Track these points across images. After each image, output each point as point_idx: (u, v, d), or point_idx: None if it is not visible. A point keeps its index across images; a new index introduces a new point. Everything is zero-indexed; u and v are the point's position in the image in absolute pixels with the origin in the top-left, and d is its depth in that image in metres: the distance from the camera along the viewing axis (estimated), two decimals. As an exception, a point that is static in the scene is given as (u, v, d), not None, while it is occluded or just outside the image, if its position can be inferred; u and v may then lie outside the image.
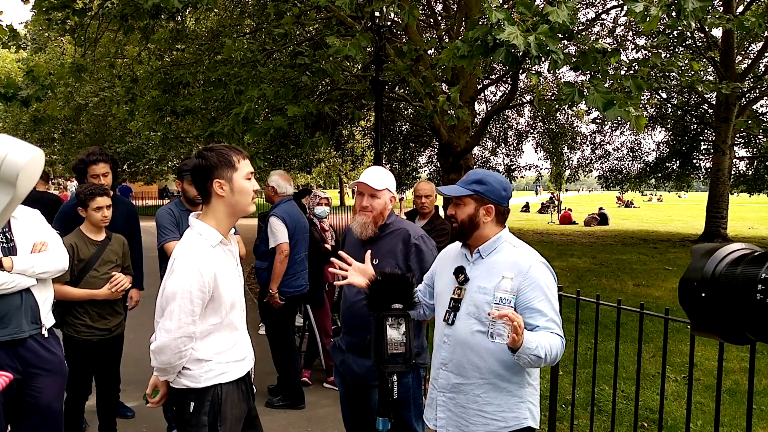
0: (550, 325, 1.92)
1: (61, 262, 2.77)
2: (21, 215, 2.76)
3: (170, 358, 1.96)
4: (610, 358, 5.00)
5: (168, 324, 1.94)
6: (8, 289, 2.54)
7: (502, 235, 2.06)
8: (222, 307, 2.03)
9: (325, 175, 35.07)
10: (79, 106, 19.92)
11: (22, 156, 1.04)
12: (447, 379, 2.06)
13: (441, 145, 10.48)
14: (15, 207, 1.09)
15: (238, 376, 2.13)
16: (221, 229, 2.05)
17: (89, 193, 3.25)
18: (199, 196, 2.08)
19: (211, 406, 2.03)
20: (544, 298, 1.94)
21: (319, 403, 4.38)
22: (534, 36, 3.67)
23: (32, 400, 2.71)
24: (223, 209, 2.03)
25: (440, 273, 2.22)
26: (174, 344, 1.94)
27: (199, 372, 2.02)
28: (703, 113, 17.75)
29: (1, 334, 2.56)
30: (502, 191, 2.05)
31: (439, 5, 13.30)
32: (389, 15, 6.10)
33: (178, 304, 1.93)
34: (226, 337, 2.08)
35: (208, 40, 9.47)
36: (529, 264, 1.97)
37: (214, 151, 2.02)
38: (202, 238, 2.01)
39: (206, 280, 1.95)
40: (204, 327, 2.01)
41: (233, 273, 2.11)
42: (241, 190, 2.02)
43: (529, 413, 2.01)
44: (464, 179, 2.10)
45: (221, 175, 1.99)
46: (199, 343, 2.02)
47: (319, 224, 4.76)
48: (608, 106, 4.02)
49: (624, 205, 39.40)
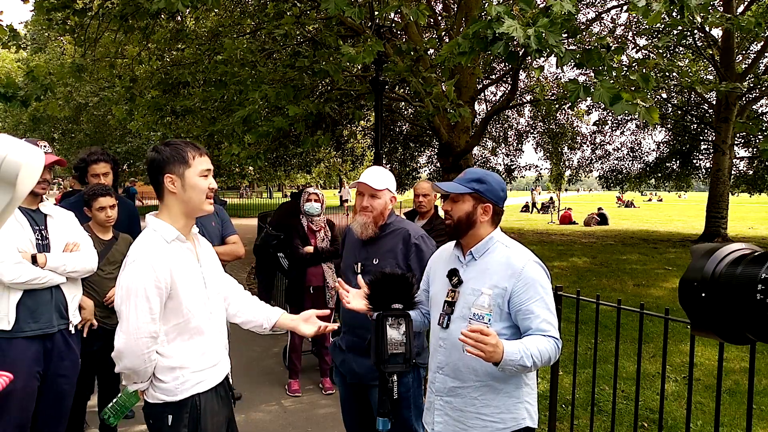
0: (544, 326, 1.89)
1: (91, 262, 2.87)
2: (57, 215, 2.86)
3: (134, 362, 1.86)
4: (610, 358, 5.00)
5: (125, 325, 1.83)
6: (40, 284, 2.64)
7: (494, 235, 2.05)
8: (182, 306, 1.91)
9: (325, 175, 35.07)
10: (79, 106, 19.96)
11: (22, 156, 1.04)
12: (444, 383, 2.05)
13: (441, 145, 10.48)
14: (15, 207, 1.09)
15: (215, 383, 2.04)
16: (177, 226, 1.95)
17: (93, 194, 3.28)
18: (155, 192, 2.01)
19: (189, 418, 1.95)
20: (539, 298, 1.91)
21: (319, 403, 4.38)
22: (534, 29, 3.66)
23: (50, 393, 2.77)
24: (176, 206, 1.95)
25: (434, 276, 2.21)
26: (135, 346, 1.83)
27: (174, 384, 1.93)
28: (703, 113, 17.75)
29: (33, 327, 2.65)
30: (500, 192, 2.04)
31: (439, 5, 13.30)
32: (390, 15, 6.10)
33: (134, 303, 1.82)
34: (195, 342, 1.97)
35: (208, 40, 9.46)
36: (523, 264, 1.95)
37: (169, 145, 1.95)
38: (157, 234, 1.92)
39: (161, 275, 1.85)
40: (167, 328, 1.91)
41: (195, 271, 1.99)
42: (193, 187, 1.93)
43: (526, 413, 2.00)
44: (463, 177, 2.07)
45: (172, 171, 1.91)
46: (167, 347, 1.92)
47: (307, 224, 4.55)
48: (615, 101, 3.97)
49: (624, 205, 39.39)
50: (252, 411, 4.19)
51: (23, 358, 2.61)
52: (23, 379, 2.58)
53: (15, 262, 2.55)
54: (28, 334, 2.62)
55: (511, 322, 1.95)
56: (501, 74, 15.02)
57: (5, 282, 2.53)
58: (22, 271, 2.56)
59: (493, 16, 3.73)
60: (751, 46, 16.22)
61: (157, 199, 1.99)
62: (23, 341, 2.61)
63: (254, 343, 5.78)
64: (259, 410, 4.22)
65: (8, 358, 2.53)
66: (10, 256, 2.54)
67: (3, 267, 2.51)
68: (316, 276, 4.51)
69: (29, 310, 2.62)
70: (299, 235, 4.53)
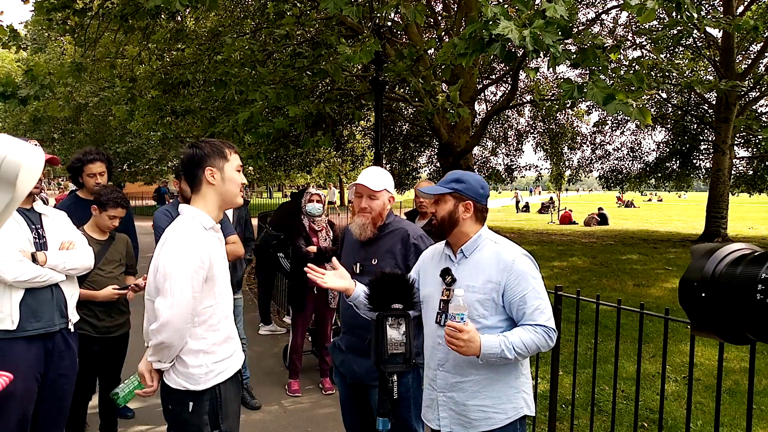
0: (535, 315, 1.97)
1: (88, 260, 2.89)
2: (51, 214, 2.88)
3: (171, 336, 1.92)
4: (610, 358, 5.00)
5: (169, 300, 1.91)
6: (41, 282, 2.64)
7: (482, 233, 2.12)
8: (216, 289, 2.04)
9: (325, 175, 35.06)
10: (79, 106, 19.96)
11: (22, 156, 1.04)
12: (445, 379, 2.09)
13: (441, 145, 10.48)
14: (15, 207, 1.09)
15: (234, 371, 2.15)
16: (211, 216, 2.08)
17: (113, 201, 3.27)
18: (189, 186, 2.12)
19: (210, 404, 2.04)
20: (531, 288, 1.99)
21: (319, 404, 4.38)
22: (529, 30, 3.66)
23: (50, 393, 2.77)
24: (212, 197, 2.07)
25: (423, 277, 2.25)
26: (177, 320, 1.91)
27: (197, 372, 2.01)
28: (703, 113, 17.74)
29: (36, 326, 2.65)
30: (479, 189, 2.12)
31: (439, 5, 13.30)
32: (390, 15, 6.10)
33: (178, 280, 1.91)
34: (222, 327, 2.08)
35: (208, 40, 9.45)
36: (513, 258, 2.03)
37: (207, 142, 2.10)
38: (195, 221, 2.02)
39: (204, 255, 1.96)
40: (200, 309, 2.00)
41: (224, 260, 2.13)
42: (231, 179, 2.08)
43: (524, 402, 2.08)
44: (443, 179, 2.19)
45: (213, 164, 2.05)
46: (197, 329, 2.00)
47: (309, 224, 4.59)
48: (608, 101, 3.98)
49: (624, 205, 39.40)
50: (252, 411, 4.20)
51: (24, 360, 2.61)
52: (24, 380, 2.58)
53: (17, 261, 2.55)
54: (30, 333, 2.62)
55: (507, 314, 2.03)
56: (501, 74, 15.02)
57: (8, 281, 2.53)
58: (24, 270, 2.56)
59: (489, 17, 3.73)
60: (751, 47, 16.22)
61: (192, 193, 2.11)
62: (25, 342, 2.61)
63: (254, 343, 5.78)
64: (259, 410, 4.22)
65: (9, 359, 2.52)
66: (11, 255, 2.55)
67: (5, 266, 2.52)
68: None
69: (31, 309, 2.63)
70: (302, 236, 4.54)
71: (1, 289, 2.55)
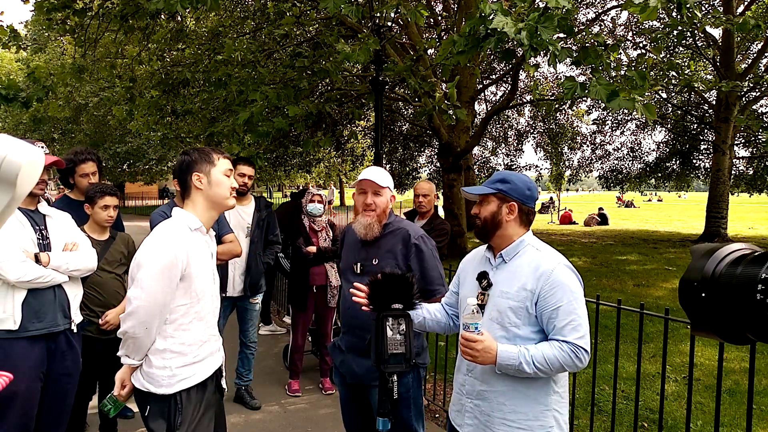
0: (565, 331, 1.85)
1: (92, 261, 2.89)
2: (55, 215, 2.88)
3: (136, 326, 1.96)
4: (610, 358, 5.00)
5: (138, 290, 1.96)
6: (44, 283, 2.64)
7: (525, 238, 2.02)
8: (192, 289, 2.06)
9: (325, 175, 35.06)
10: (79, 106, 19.96)
11: (22, 156, 1.04)
12: (473, 386, 2.03)
13: (441, 145, 10.49)
14: (15, 207, 1.09)
15: (204, 376, 2.13)
16: (201, 219, 2.14)
17: (99, 191, 3.27)
18: (180, 191, 2.20)
19: (169, 412, 2.04)
20: (567, 302, 1.87)
21: (319, 404, 4.38)
22: (525, 23, 3.63)
23: (52, 392, 2.77)
24: (201, 201, 2.15)
25: (464, 279, 2.18)
26: (142, 312, 1.95)
27: (160, 374, 2.03)
28: (703, 113, 17.74)
29: (38, 327, 2.65)
30: (525, 190, 2.02)
31: (439, 5, 13.31)
32: (390, 15, 6.09)
33: (149, 272, 1.96)
34: (194, 328, 2.09)
35: (209, 41, 9.45)
36: (552, 267, 1.92)
37: (196, 150, 2.19)
38: (181, 221, 2.11)
39: (179, 254, 2.00)
40: (173, 306, 2.03)
41: (208, 262, 2.17)
42: (218, 183, 2.15)
43: (554, 422, 1.95)
44: (489, 179, 2.10)
45: (200, 170, 2.14)
46: (167, 327, 2.03)
47: (309, 224, 4.57)
48: (612, 97, 3.94)
49: (624, 205, 39.40)
50: (252, 411, 4.20)
51: (26, 359, 2.61)
52: (26, 380, 2.58)
53: (20, 261, 2.56)
54: (32, 333, 2.62)
55: (540, 326, 1.92)
56: (501, 74, 15.03)
57: (11, 281, 2.54)
58: (27, 270, 2.57)
59: (486, 13, 3.72)
60: (751, 46, 16.23)
61: (183, 198, 2.20)
62: (27, 342, 2.61)
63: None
64: (259, 410, 4.22)
65: (11, 359, 2.52)
66: (14, 255, 2.55)
67: (8, 266, 2.52)
68: (319, 275, 4.53)
69: (33, 309, 2.63)
70: (302, 236, 4.55)
71: (4, 290, 2.55)
